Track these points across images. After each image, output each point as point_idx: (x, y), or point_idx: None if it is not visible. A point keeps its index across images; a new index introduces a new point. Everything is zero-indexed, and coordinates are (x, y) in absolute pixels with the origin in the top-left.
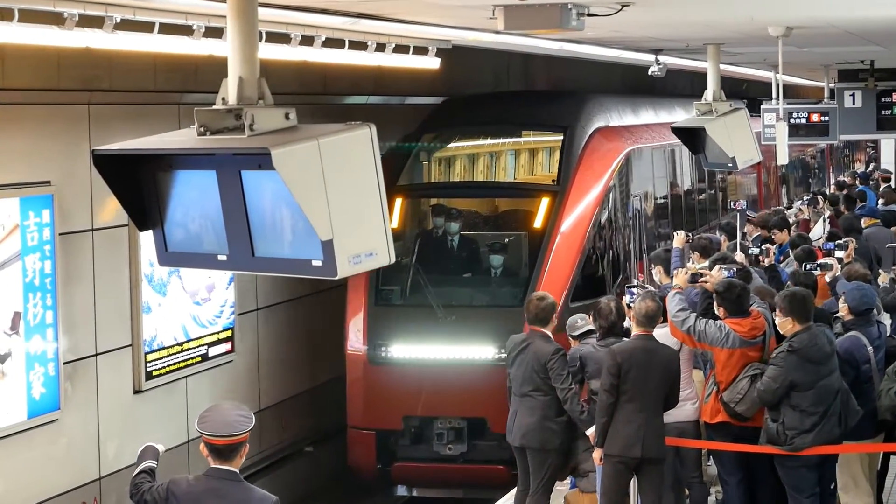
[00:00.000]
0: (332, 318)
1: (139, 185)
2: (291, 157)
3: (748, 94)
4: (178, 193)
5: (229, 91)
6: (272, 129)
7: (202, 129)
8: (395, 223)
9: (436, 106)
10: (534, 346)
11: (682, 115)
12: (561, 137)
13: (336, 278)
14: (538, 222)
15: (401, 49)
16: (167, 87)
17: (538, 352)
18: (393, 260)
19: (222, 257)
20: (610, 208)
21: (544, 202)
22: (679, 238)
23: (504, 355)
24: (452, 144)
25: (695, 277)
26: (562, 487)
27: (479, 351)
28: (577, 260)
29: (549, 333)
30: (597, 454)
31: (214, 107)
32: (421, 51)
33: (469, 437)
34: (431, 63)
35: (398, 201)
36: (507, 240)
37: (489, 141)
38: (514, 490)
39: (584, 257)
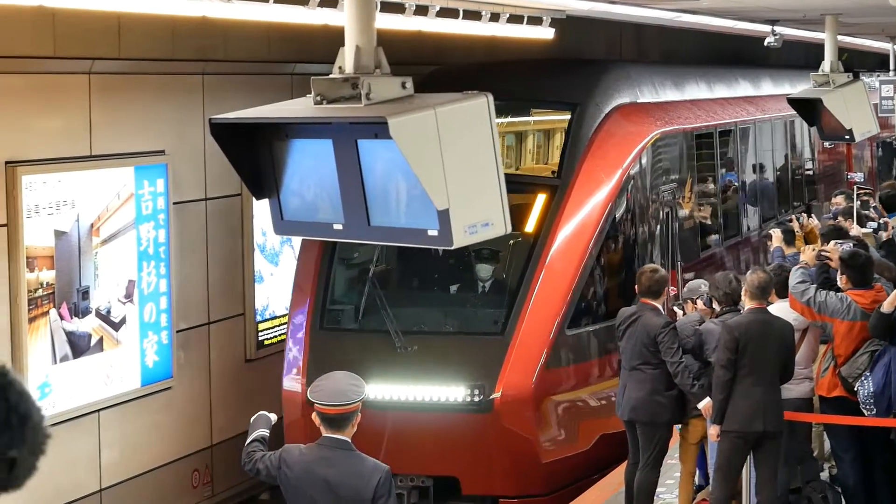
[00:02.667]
0: None
1: (255, 155)
2: (408, 127)
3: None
4: (294, 162)
5: (346, 60)
6: (389, 99)
7: (319, 98)
8: None
9: (419, 78)
10: (644, 318)
11: (747, 90)
12: (567, 117)
13: (452, 248)
14: (529, 225)
15: (515, 19)
16: (281, 58)
17: (648, 325)
18: (510, 230)
19: (338, 226)
20: (627, 207)
21: (539, 199)
22: (776, 236)
23: (477, 397)
24: None
25: (822, 256)
26: (672, 461)
27: (448, 392)
28: (579, 273)
29: (660, 306)
30: (714, 430)
31: (331, 76)
32: (535, 21)
33: (436, 499)
34: (545, 33)
35: None
36: (488, 249)
37: None
38: (624, 463)
39: (588, 270)
